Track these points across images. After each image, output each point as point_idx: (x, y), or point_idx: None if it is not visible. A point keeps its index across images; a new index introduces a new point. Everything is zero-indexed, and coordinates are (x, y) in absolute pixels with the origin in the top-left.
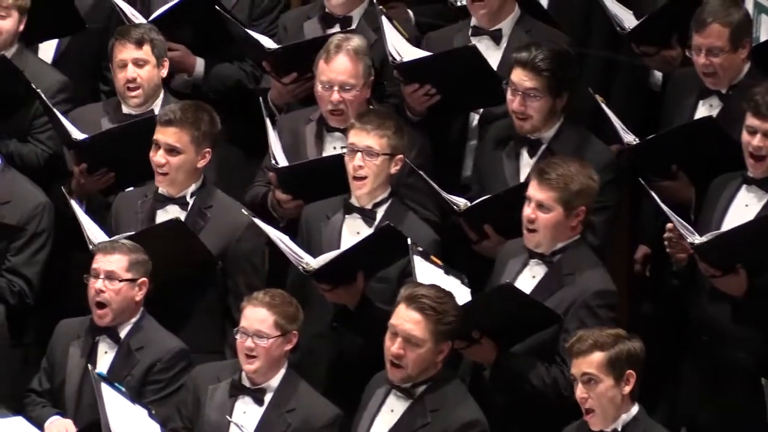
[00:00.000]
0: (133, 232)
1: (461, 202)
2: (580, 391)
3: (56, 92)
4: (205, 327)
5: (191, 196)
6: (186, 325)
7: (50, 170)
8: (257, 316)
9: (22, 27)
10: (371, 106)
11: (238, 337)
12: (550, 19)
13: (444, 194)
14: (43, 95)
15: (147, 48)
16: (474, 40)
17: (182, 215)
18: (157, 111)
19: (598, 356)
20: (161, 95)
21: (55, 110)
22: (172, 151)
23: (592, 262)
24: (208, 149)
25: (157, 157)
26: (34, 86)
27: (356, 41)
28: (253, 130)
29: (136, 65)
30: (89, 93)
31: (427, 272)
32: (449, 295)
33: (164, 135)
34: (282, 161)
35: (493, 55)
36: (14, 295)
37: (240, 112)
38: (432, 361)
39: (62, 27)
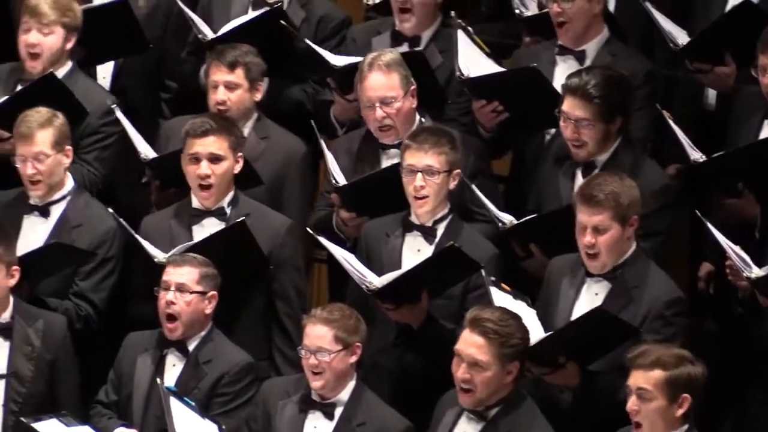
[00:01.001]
0: (197, 241)
1: (507, 219)
2: (632, 403)
3: (105, 113)
4: (252, 334)
5: (229, 206)
6: (234, 334)
7: (98, 192)
8: (317, 333)
9: (70, 45)
10: (422, 121)
11: (302, 354)
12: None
13: (492, 209)
14: (117, 110)
15: (240, 71)
16: (559, 60)
17: (221, 227)
18: (246, 133)
19: (657, 374)
20: (253, 117)
21: (127, 124)
22: (215, 160)
23: (655, 271)
24: (240, 154)
25: (202, 169)
26: (108, 102)
27: (388, 55)
28: (313, 149)
29: (227, 88)
30: (150, 102)
31: (501, 300)
32: (514, 317)
33: (204, 146)
34: (341, 180)
35: None
36: (80, 319)
37: (302, 132)
38: (500, 383)
39: (127, 47)
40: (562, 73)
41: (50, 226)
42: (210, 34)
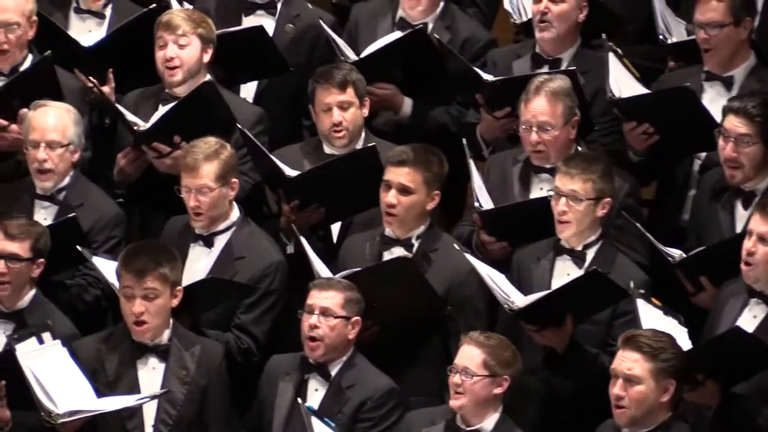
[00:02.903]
0: (355, 270)
1: (676, 254)
2: None
3: (254, 124)
4: (426, 370)
5: (417, 239)
6: (408, 368)
7: (253, 202)
8: (467, 353)
9: (208, 58)
10: (579, 149)
11: (449, 371)
12: None
13: (659, 246)
14: (248, 132)
15: (350, 90)
16: (706, 86)
17: None
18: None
19: None
20: (363, 134)
21: (264, 149)
22: (404, 191)
23: None
24: (437, 191)
25: (389, 197)
26: (239, 126)
27: (557, 82)
28: (456, 172)
29: (341, 108)
30: (291, 127)
31: (649, 314)
32: (667, 335)
33: (397, 175)
34: (486, 204)
35: (723, 102)
36: (241, 352)
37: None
38: (656, 402)
39: (267, 69)
40: (709, 98)
41: (214, 257)
42: (353, 57)
